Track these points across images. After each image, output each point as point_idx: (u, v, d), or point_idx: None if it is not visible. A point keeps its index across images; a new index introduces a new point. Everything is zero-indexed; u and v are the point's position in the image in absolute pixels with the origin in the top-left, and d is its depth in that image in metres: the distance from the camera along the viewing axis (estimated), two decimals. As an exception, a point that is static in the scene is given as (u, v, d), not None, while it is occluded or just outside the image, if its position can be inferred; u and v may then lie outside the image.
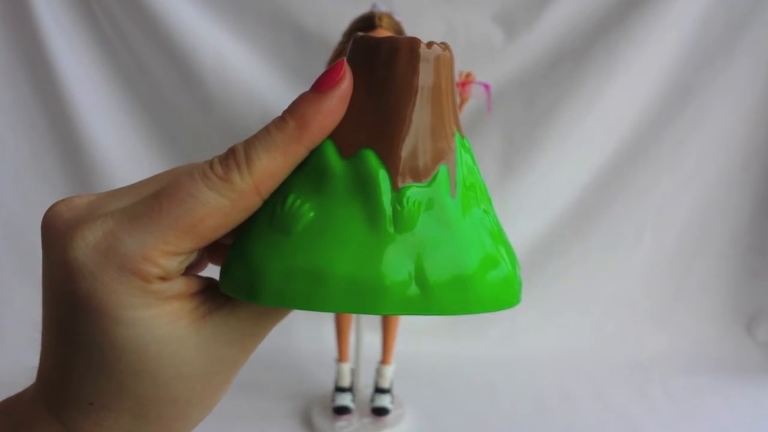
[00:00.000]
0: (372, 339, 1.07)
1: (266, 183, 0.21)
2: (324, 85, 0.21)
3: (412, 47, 0.22)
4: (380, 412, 0.98)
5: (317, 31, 1.19)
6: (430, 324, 1.30)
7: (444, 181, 0.22)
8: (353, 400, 1.01)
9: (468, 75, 0.91)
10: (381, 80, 0.22)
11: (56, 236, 0.20)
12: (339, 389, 1.02)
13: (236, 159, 0.20)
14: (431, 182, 0.21)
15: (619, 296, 1.36)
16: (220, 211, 0.20)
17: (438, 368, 1.20)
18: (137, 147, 1.26)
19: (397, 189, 0.21)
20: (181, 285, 0.21)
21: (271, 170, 0.20)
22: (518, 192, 1.29)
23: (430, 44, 0.22)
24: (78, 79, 1.21)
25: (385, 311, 0.20)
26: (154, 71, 1.23)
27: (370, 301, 0.20)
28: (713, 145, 1.30)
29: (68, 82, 1.20)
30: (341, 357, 1.03)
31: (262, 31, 1.21)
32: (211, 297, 0.22)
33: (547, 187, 1.30)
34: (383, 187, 0.21)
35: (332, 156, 0.21)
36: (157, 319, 0.20)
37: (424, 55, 0.22)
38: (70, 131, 1.23)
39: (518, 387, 1.14)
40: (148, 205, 0.20)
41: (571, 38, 1.23)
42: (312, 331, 1.27)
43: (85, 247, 0.19)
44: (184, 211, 0.19)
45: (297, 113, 0.21)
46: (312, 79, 0.22)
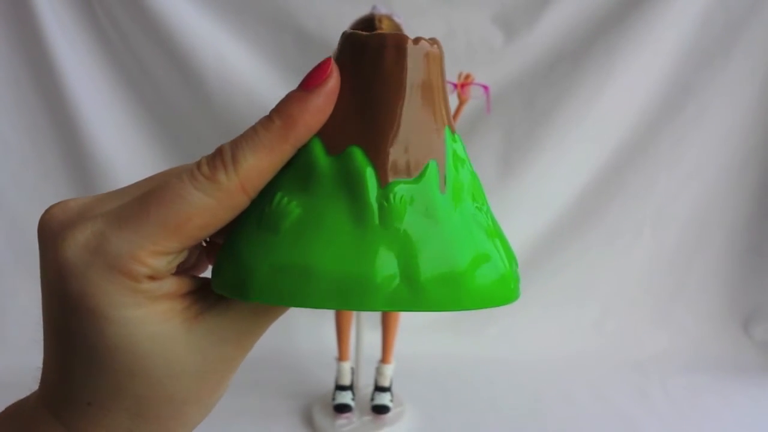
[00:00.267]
0: (372, 338, 1.08)
1: (253, 182, 0.21)
2: (311, 83, 0.21)
3: (398, 44, 0.22)
4: (380, 410, 0.99)
5: (318, 33, 1.19)
6: (430, 323, 1.31)
7: (433, 176, 0.21)
8: (353, 399, 1.02)
9: (467, 76, 0.92)
10: (368, 77, 0.22)
11: (50, 237, 0.21)
12: (339, 388, 1.02)
13: (223, 159, 0.20)
14: (419, 178, 0.21)
15: (618, 295, 1.36)
16: (207, 210, 0.20)
17: (438, 367, 1.20)
18: (139, 146, 1.27)
19: (384, 185, 0.21)
20: (171, 285, 0.21)
21: (258, 170, 0.20)
22: (518, 191, 1.30)
23: (417, 40, 0.22)
24: (80, 79, 1.21)
25: (372, 307, 0.20)
26: (156, 71, 1.24)
27: (357, 296, 0.20)
28: (712, 144, 1.31)
29: (70, 82, 1.20)
30: (341, 356, 1.04)
31: (263, 32, 1.22)
32: (204, 297, 0.22)
33: (546, 186, 1.30)
34: (370, 183, 0.21)
35: (319, 154, 0.21)
36: (148, 318, 0.20)
37: (411, 52, 0.22)
38: (71, 131, 1.23)
39: (518, 385, 1.15)
40: (137, 206, 0.20)
41: (570, 39, 1.23)
42: (312, 330, 1.28)
43: (75, 247, 0.20)
44: (172, 211, 0.20)
45: (284, 112, 0.21)
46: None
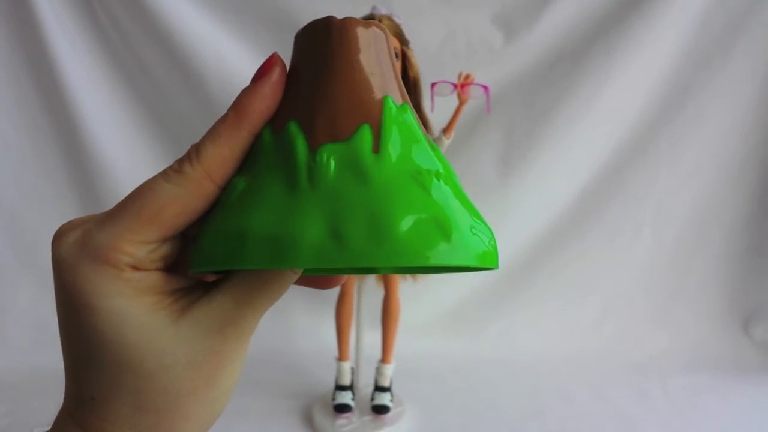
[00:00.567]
0: (372, 338, 1.08)
1: (217, 170, 0.22)
2: (257, 75, 0.23)
3: (324, 24, 0.24)
4: (380, 410, 0.99)
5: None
6: (430, 323, 1.31)
7: (365, 138, 0.22)
8: (353, 399, 1.02)
9: (467, 76, 0.92)
10: (305, 61, 0.24)
11: (53, 246, 0.22)
12: (339, 387, 1.02)
13: (188, 154, 0.23)
14: (349, 139, 0.22)
15: (618, 295, 1.37)
16: (178, 199, 0.22)
17: (437, 367, 1.20)
18: (139, 146, 1.27)
19: (314, 150, 0.22)
20: (157, 279, 0.22)
21: (219, 158, 0.22)
22: (518, 191, 1.30)
23: (346, 19, 0.24)
24: (80, 78, 1.21)
25: (301, 263, 0.20)
26: (156, 71, 1.24)
27: (286, 254, 0.20)
28: (712, 144, 1.31)
29: (70, 82, 1.20)
30: (341, 356, 1.04)
31: (263, 32, 1.22)
32: (191, 293, 0.23)
33: (546, 186, 1.31)
34: (300, 148, 0.22)
35: (266, 135, 0.23)
36: (134, 309, 0.21)
37: (336, 29, 0.23)
38: (72, 131, 1.24)
39: (517, 385, 1.15)
40: (117, 206, 0.22)
41: (570, 39, 1.23)
42: (312, 330, 1.28)
43: (66, 245, 0.22)
44: (145, 203, 0.22)
45: (235, 104, 0.23)
46: None
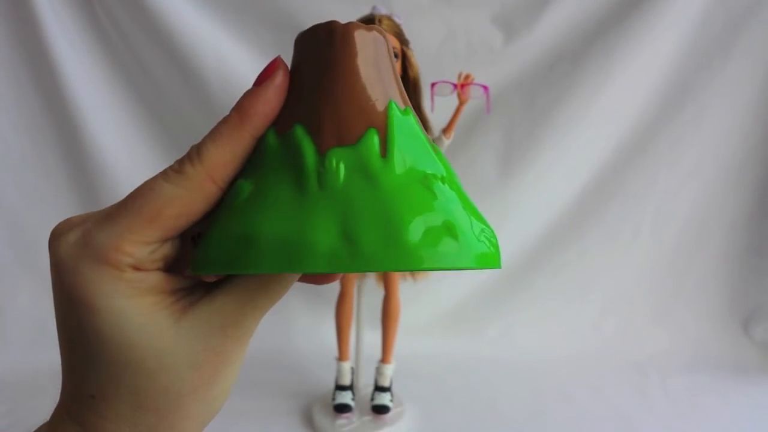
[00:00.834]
0: (372, 338, 1.08)
1: (219, 171, 0.22)
2: (261, 79, 0.23)
3: (327, 29, 0.24)
4: (380, 410, 0.99)
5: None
6: (429, 323, 1.31)
7: (372, 142, 0.22)
8: (353, 399, 1.02)
9: (467, 76, 0.92)
10: (309, 65, 0.24)
11: (51, 245, 0.22)
12: (339, 387, 1.02)
13: (189, 154, 0.22)
14: (358, 144, 0.22)
15: (618, 295, 1.37)
16: (178, 199, 0.22)
17: (437, 367, 1.20)
18: (139, 146, 1.27)
19: (323, 153, 0.22)
20: (159, 279, 0.22)
21: (221, 159, 0.22)
22: (518, 191, 1.30)
23: (349, 24, 0.24)
24: (80, 78, 1.21)
25: (314, 268, 0.20)
26: (156, 71, 1.24)
27: (298, 258, 0.20)
28: (711, 144, 1.31)
29: (70, 82, 1.20)
30: (341, 356, 1.04)
31: (263, 32, 1.22)
32: (192, 293, 0.24)
33: (546, 186, 1.31)
34: (308, 152, 0.22)
35: (270, 138, 0.23)
36: (136, 309, 0.21)
37: (339, 34, 0.23)
38: (72, 131, 1.24)
39: (517, 385, 1.15)
40: (117, 205, 0.22)
41: (570, 39, 1.23)
42: (312, 330, 1.28)
43: (66, 245, 0.22)
44: (145, 203, 0.22)
45: (238, 106, 0.23)
46: None
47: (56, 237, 0.22)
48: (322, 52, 0.23)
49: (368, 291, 1.03)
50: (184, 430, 0.23)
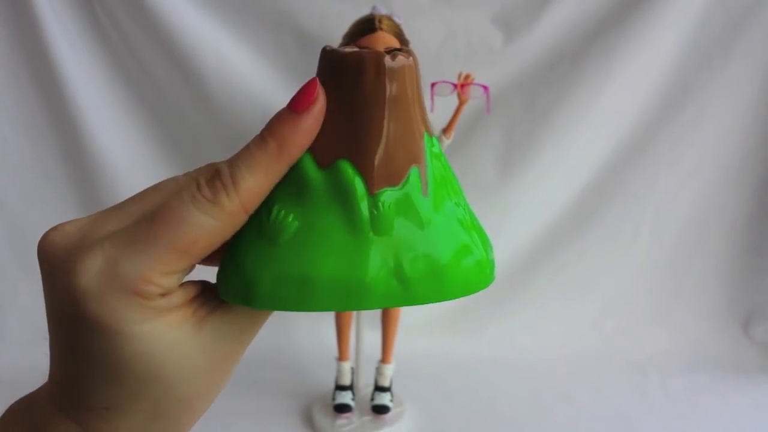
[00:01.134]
0: (372, 338, 1.08)
1: (252, 201, 0.22)
2: (300, 105, 0.22)
3: (377, 61, 0.23)
4: (380, 410, 0.99)
5: (318, 33, 1.19)
6: (429, 323, 1.31)
7: (416, 181, 0.23)
8: (353, 399, 1.02)
9: (467, 76, 0.92)
10: (350, 93, 0.23)
11: (56, 265, 0.21)
12: (339, 387, 1.02)
13: (223, 181, 0.21)
14: (404, 185, 0.23)
15: (618, 295, 1.37)
16: (212, 232, 0.21)
17: (437, 367, 1.20)
18: (139, 147, 1.27)
19: (372, 194, 0.22)
20: (179, 296, 0.22)
21: (257, 190, 0.22)
22: (518, 191, 1.30)
23: (394, 56, 0.23)
24: (80, 79, 1.21)
25: (370, 306, 0.22)
26: (156, 71, 1.24)
27: (354, 298, 0.22)
28: (711, 144, 1.31)
29: (70, 83, 1.20)
30: (341, 356, 1.04)
31: (264, 33, 1.22)
32: (207, 300, 0.24)
33: (546, 186, 1.30)
34: (360, 193, 0.22)
35: (311, 168, 0.23)
36: (161, 329, 0.21)
37: (389, 67, 0.23)
38: (72, 131, 1.23)
39: (517, 385, 1.15)
40: (144, 230, 0.21)
41: (570, 39, 1.23)
42: (312, 330, 1.28)
43: (87, 274, 0.20)
44: (179, 235, 0.21)
45: (276, 134, 0.22)
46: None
47: (63, 259, 0.21)
48: (368, 86, 0.23)
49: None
50: (188, 426, 0.24)
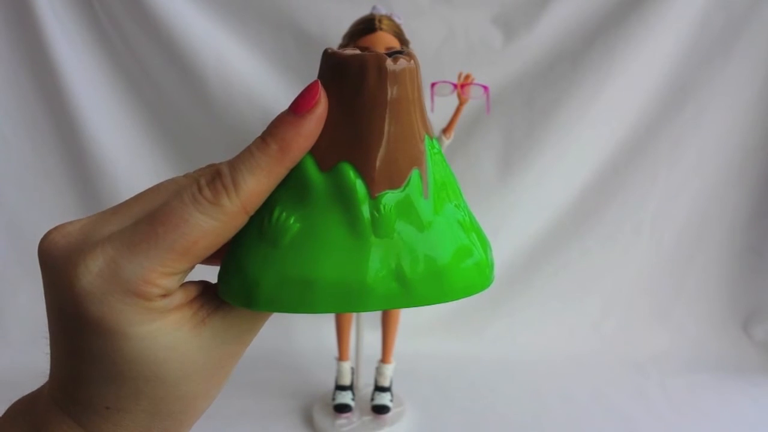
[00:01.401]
0: (372, 338, 1.08)
1: (253, 203, 0.22)
2: (302, 108, 0.22)
3: (379, 64, 0.23)
4: (380, 410, 0.99)
5: (318, 33, 1.19)
6: (429, 323, 1.31)
7: (416, 184, 0.23)
8: (353, 399, 1.02)
9: (467, 76, 0.92)
10: (352, 96, 0.23)
11: (57, 265, 0.21)
12: (339, 387, 1.02)
13: (223, 182, 0.21)
14: (405, 187, 0.23)
15: (618, 295, 1.37)
16: (212, 233, 0.21)
17: (437, 367, 1.20)
18: (140, 147, 1.27)
19: (374, 197, 0.22)
20: (180, 296, 0.23)
21: (257, 191, 0.22)
22: (518, 191, 1.30)
23: (396, 58, 0.23)
24: (80, 79, 1.21)
25: (371, 308, 0.22)
26: (156, 71, 1.24)
27: (355, 300, 0.22)
28: (711, 144, 1.31)
29: (70, 83, 1.20)
30: (342, 356, 1.04)
31: (264, 33, 1.22)
32: (207, 300, 0.24)
33: (546, 186, 1.30)
34: (361, 196, 0.22)
35: (312, 170, 0.23)
36: (163, 330, 0.22)
37: (391, 71, 0.23)
38: (72, 131, 1.23)
39: (517, 385, 1.15)
40: (144, 231, 0.21)
41: (570, 39, 1.23)
42: (312, 330, 1.28)
43: (89, 275, 0.20)
44: (180, 236, 0.21)
45: (278, 136, 0.22)
46: (312, 80, 0.23)
47: (64, 259, 0.21)
48: (371, 89, 0.23)
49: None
50: (189, 425, 0.24)
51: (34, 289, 1.26)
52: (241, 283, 0.23)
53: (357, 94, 0.23)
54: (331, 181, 0.23)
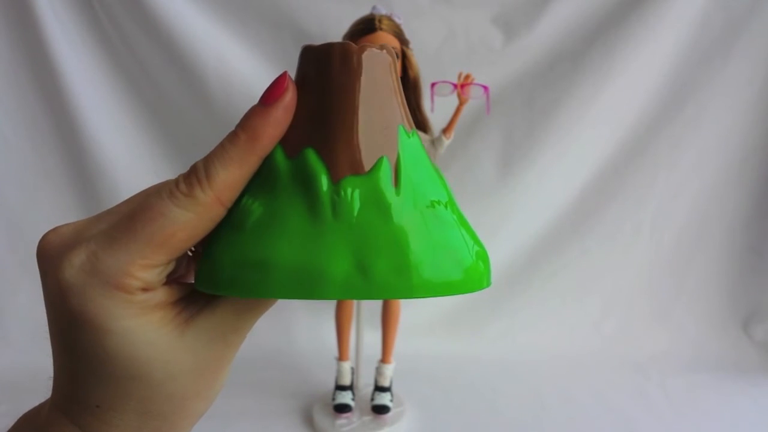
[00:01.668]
0: (372, 338, 1.08)
1: (227, 193, 0.22)
2: (270, 98, 0.23)
3: (343, 51, 0.23)
4: (380, 410, 0.99)
5: (318, 33, 1.19)
6: (429, 323, 1.31)
7: (385, 172, 0.22)
8: (353, 399, 1.02)
9: (467, 76, 0.92)
10: (319, 84, 0.23)
11: (48, 262, 0.22)
12: (339, 387, 1.02)
13: (197, 175, 0.22)
14: (371, 174, 0.22)
15: (618, 295, 1.37)
16: (188, 224, 0.22)
17: (437, 367, 1.20)
18: (139, 147, 1.27)
19: (336, 182, 0.22)
20: (163, 294, 0.23)
21: (230, 182, 0.22)
22: (518, 191, 1.30)
23: (362, 48, 0.23)
24: (80, 80, 1.21)
25: (328, 296, 0.21)
26: (156, 71, 1.24)
27: (313, 286, 0.21)
28: (711, 144, 1.31)
29: (71, 83, 1.20)
30: (342, 356, 1.04)
31: (264, 33, 1.22)
32: (193, 302, 0.24)
33: (546, 186, 1.31)
34: (322, 180, 0.22)
35: (279, 157, 0.23)
36: (144, 327, 0.22)
37: (355, 59, 0.23)
38: (72, 131, 1.24)
39: (517, 385, 1.15)
40: (124, 226, 0.22)
41: (570, 39, 1.23)
42: (313, 330, 1.28)
43: (72, 269, 0.21)
44: (157, 229, 0.21)
45: (247, 127, 0.22)
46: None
47: (54, 256, 0.22)
48: (335, 75, 0.23)
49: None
50: (184, 427, 0.24)
51: (34, 289, 1.25)
52: (209, 269, 0.23)
53: (323, 81, 0.23)
54: (295, 167, 0.23)
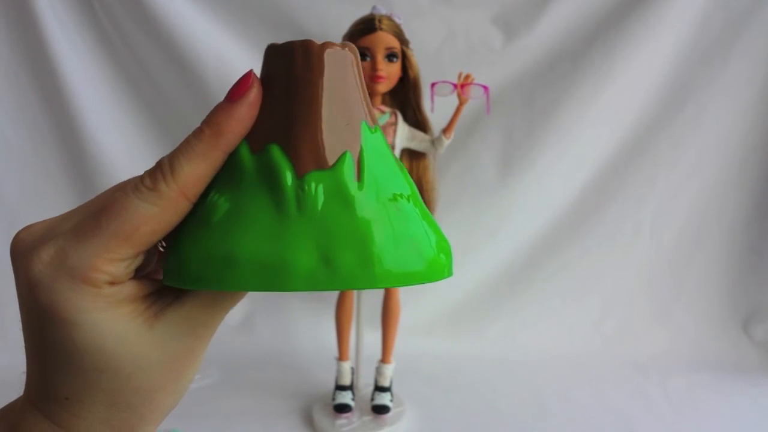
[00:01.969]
0: (372, 338, 1.08)
1: (191, 188, 0.23)
2: (235, 95, 0.23)
3: (305, 48, 0.24)
4: (380, 410, 0.99)
5: (318, 33, 1.19)
6: (429, 323, 1.31)
7: (348, 166, 0.23)
8: (353, 399, 1.02)
9: (467, 76, 0.92)
10: (283, 81, 0.24)
11: (19, 258, 0.23)
12: (339, 387, 1.02)
13: (162, 170, 0.22)
14: (334, 168, 0.23)
15: (618, 295, 1.37)
16: (153, 217, 0.22)
17: (437, 367, 1.20)
18: (139, 147, 1.27)
19: (300, 176, 0.22)
20: (132, 288, 0.23)
21: (194, 176, 0.23)
22: (518, 191, 1.30)
23: (324, 45, 0.24)
24: (80, 79, 1.21)
25: (294, 287, 0.21)
26: (156, 71, 1.24)
27: (278, 279, 0.21)
28: (711, 144, 1.31)
29: (71, 83, 1.20)
30: (341, 356, 1.04)
31: (264, 33, 1.22)
32: (162, 297, 0.24)
33: (546, 186, 1.31)
34: (286, 174, 0.22)
35: (244, 153, 0.23)
36: (113, 320, 0.22)
37: (317, 54, 0.24)
38: (72, 131, 1.24)
39: (517, 385, 1.15)
40: (90, 222, 0.22)
41: (570, 39, 1.23)
42: (312, 330, 1.28)
43: (40, 264, 0.22)
44: (122, 223, 0.22)
45: (212, 122, 0.23)
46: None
47: (24, 252, 0.22)
48: (298, 72, 0.24)
49: (368, 291, 1.03)
50: (153, 420, 0.25)
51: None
52: (175, 263, 0.23)
53: (286, 78, 0.24)
54: (260, 162, 0.23)
